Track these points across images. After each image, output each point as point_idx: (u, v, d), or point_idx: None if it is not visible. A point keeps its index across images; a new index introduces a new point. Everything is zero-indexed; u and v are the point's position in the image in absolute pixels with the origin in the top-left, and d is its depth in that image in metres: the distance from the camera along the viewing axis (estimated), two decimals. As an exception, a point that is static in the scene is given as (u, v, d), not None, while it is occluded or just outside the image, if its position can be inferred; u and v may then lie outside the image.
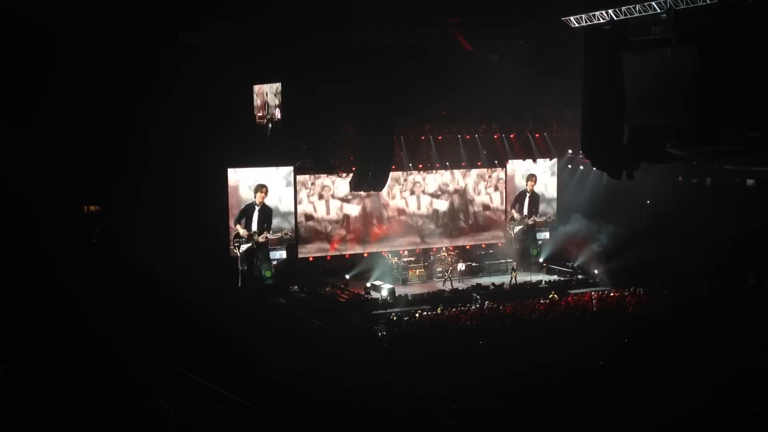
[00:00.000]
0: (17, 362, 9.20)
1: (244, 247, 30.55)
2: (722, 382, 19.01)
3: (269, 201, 31.22)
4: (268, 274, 30.90)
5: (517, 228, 36.69)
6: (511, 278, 32.87)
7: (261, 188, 30.91)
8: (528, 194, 36.86)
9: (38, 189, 21.66)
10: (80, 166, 26.18)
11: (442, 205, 35.53)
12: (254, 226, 30.87)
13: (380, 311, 28.79)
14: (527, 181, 36.79)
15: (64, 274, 15.07)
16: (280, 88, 30.05)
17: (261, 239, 30.80)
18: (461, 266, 33.15)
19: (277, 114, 30.30)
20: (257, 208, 30.98)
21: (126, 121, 26.77)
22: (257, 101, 30.97)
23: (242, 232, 30.60)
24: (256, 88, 30.80)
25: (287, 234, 31.52)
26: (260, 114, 30.94)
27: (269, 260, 31.01)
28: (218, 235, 30.31)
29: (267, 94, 30.67)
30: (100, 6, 26.51)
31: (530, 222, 36.74)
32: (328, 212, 33.19)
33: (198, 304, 20.70)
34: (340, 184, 32.93)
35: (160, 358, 12.46)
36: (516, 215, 36.72)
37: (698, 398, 17.90)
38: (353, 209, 33.65)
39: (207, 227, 29.82)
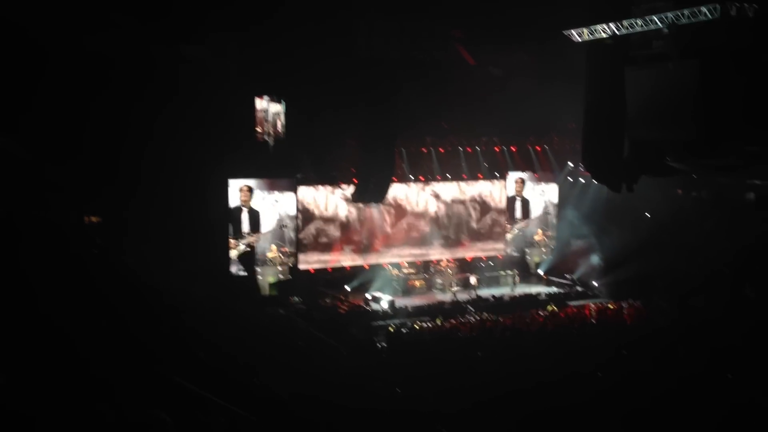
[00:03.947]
0: (17, 373, 9.24)
1: (236, 251, 30.72)
2: (717, 394, 19.05)
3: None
4: (272, 280, 31.03)
5: (513, 234, 36.95)
6: (512, 288, 33.06)
7: (242, 189, 30.98)
8: (518, 198, 37.04)
9: (36, 199, 21.67)
10: (79, 175, 26.20)
11: (443, 217, 35.66)
12: (245, 228, 31.03)
13: (380, 322, 28.81)
14: (515, 185, 37.01)
15: (62, 286, 15.10)
16: (282, 101, 30.16)
17: (254, 240, 30.85)
18: (473, 280, 33.15)
19: (279, 126, 30.39)
20: (244, 209, 31.05)
21: (126, 131, 26.80)
22: (259, 113, 31.03)
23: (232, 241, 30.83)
24: (258, 100, 30.87)
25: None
26: (262, 126, 31.00)
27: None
28: (218, 247, 30.35)
29: (269, 106, 30.75)
30: (99, 12, 26.53)
31: (523, 225, 36.90)
32: (329, 223, 33.30)
33: (197, 316, 20.72)
34: (341, 195, 33.05)
35: (159, 370, 12.49)
36: (510, 222, 36.96)
37: (692, 409, 17.94)
38: (354, 221, 33.76)
39: (207, 238, 29.83)
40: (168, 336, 15.55)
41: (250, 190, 30.87)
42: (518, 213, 37.13)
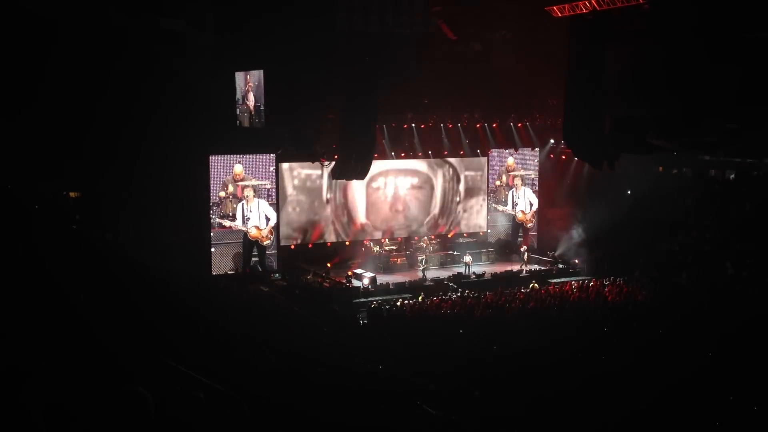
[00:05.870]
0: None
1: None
2: (698, 372, 19.18)
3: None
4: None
5: (504, 221, 37.18)
6: (523, 263, 33.30)
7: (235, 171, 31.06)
8: (515, 190, 37.10)
9: (21, 175, 21.55)
10: (60, 151, 26.02)
11: (424, 193, 35.66)
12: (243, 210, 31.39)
13: (361, 299, 28.83)
14: (513, 179, 37.05)
15: (46, 260, 15.00)
16: (262, 76, 29.94)
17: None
18: (467, 258, 33.14)
19: (260, 101, 30.19)
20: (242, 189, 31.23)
21: (106, 108, 26.60)
22: (239, 89, 30.84)
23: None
24: (238, 75, 30.66)
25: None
26: (242, 101, 30.81)
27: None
28: (199, 223, 30.24)
29: (249, 81, 30.55)
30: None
31: (517, 215, 37.01)
32: (311, 200, 33.24)
33: (179, 291, 20.65)
34: (322, 171, 32.98)
35: (139, 344, 12.43)
36: (502, 208, 37.06)
37: (673, 386, 18.05)
38: (335, 198, 33.72)
39: (188, 215, 29.72)
40: (146, 310, 15.48)
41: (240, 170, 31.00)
42: (504, 191, 37.17)
